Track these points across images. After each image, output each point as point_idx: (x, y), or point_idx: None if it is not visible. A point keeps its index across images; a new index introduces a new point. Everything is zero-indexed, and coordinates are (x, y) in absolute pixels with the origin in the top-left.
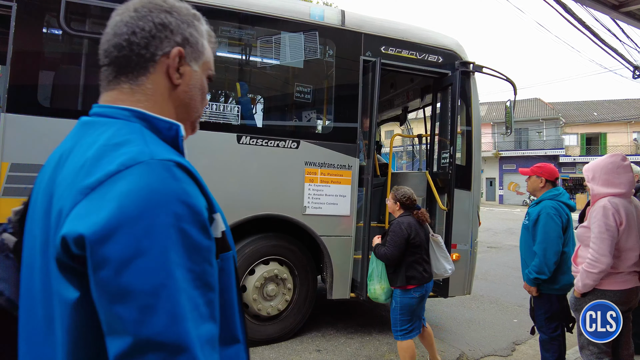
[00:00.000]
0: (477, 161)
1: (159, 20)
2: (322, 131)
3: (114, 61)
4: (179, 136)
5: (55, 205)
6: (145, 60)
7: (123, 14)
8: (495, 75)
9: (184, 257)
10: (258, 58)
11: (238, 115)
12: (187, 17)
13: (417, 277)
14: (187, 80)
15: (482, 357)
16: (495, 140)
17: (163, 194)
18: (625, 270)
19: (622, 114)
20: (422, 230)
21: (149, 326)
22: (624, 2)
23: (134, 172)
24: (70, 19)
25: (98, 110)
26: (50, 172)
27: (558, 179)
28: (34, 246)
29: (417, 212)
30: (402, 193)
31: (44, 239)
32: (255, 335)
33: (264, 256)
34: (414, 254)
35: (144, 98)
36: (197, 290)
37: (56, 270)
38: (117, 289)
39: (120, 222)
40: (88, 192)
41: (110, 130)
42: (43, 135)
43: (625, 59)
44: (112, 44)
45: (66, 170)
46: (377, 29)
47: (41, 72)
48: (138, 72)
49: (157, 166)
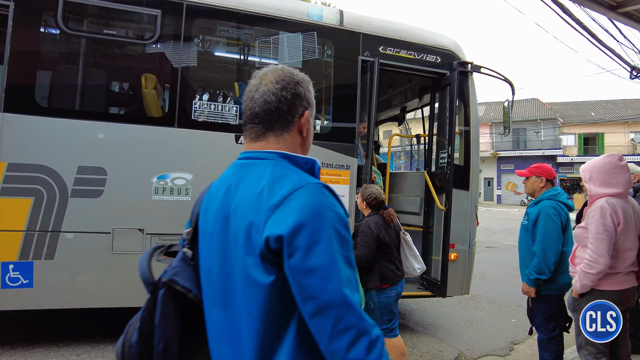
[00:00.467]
0: (475, 161)
1: (294, 91)
2: (321, 131)
3: (264, 122)
4: (316, 167)
5: (238, 222)
6: (288, 122)
7: (268, 85)
8: (494, 75)
9: (339, 247)
10: (256, 58)
11: (236, 115)
12: (308, 85)
13: (390, 277)
14: (308, 130)
15: (480, 356)
16: (493, 140)
17: (322, 206)
18: (623, 270)
19: (619, 114)
20: (391, 229)
21: (328, 291)
22: (621, 3)
23: (301, 193)
24: (68, 19)
25: (249, 154)
26: (221, 201)
27: (556, 178)
28: (212, 254)
29: (383, 211)
30: (368, 192)
31: (222, 247)
32: None
33: None
34: (385, 253)
35: (285, 146)
36: (349, 270)
37: (256, 262)
38: (305, 267)
39: (301, 224)
40: (275, 208)
41: (269, 167)
42: (40, 134)
43: (622, 60)
44: (263, 109)
45: (241, 197)
46: (376, 29)
47: (39, 71)
48: (282, 129)
49: (313, 188)
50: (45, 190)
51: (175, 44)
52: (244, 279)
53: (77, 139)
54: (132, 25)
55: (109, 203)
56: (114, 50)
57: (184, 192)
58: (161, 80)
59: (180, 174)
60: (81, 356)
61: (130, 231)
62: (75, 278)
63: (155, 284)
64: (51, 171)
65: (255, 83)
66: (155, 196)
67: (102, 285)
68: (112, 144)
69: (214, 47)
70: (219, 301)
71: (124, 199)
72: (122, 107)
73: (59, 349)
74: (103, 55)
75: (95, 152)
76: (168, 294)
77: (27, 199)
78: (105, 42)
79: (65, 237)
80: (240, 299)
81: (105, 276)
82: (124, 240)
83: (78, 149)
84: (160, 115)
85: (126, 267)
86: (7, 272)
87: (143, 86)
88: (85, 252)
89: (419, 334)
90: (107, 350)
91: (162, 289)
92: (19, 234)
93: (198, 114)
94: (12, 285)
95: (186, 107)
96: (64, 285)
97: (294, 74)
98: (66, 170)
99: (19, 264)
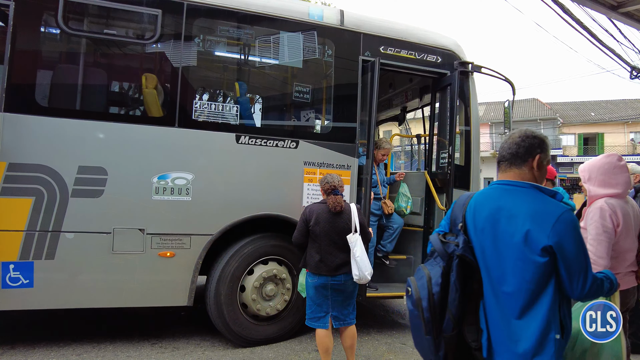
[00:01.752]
0: (475, 161)
1: (529, 142)
2: (321, 131)
3: (510, 159)
4: (559, 196)
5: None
6: (524, 161)
7: (518, 139)
8: (494, 75)
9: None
10: (257, 58)
11: (237, 115)
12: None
13: (310, 264)
14: (539, 167)
15: None
16: (493, 140)
17: (576, 220)
18: (623, 271)
19: (619, 114)
20: (339, 220)
21: (589, 267)
22: (622, 3)
23: (567, 213)
24: (69, 18)
25: (506, 182)
26: (489, 210)
27: (556, 177)
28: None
29: (327, 197)
30: (323, 179)
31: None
32: (254, 335)
33: (263, 256)
34: (313, 241)
35: (526, 176)
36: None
37: (535, 251)
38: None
39: (567, 232)
40: (553, 223)
41: (529, 193)
42: (41, 134)
43: (622, 60)
44: (510, 151)
45: (511, 212)
46: (376, 29)
47: (39, 71)
48: (520, 164)
49: (569, 210)
50: (45, 190)
51: (175, 44)
52: (519, 258)
53: (78, 138)
54: (132, 25)
55: (110, 203)
56: (114, 50)
57: (185, 192)
58: (162, 80)
59: (181, 174)
60: (82, 356)
61: (130, 231)
62: (76, 278)
63: (450, 255)
64: (52, 171)
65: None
66: (156, 196)
67: (103, 285)
68: (112, 144)
69: (214, 46)
70: (493, 268)
71: (125, 198)
72: (122, 107)
73: (60, 348)
74: (103, 55)
75: (96, 152)
76: (460, 263)
77: (28, 198)
78: (105, 41)
79: (65, 237)
80: (512, 269)
81: (105, 276)
82: (124, 240)
83: (78, 149)
84: (160, 115)
85: (127, 267)
86: (7, 272)
87: (143, 86)
88: (86, 252)
89: None
90: (108, 350)
91: (456, 260)
92: (19, 234)
93: (199, 113)
94: (12, 285)
95: (187, 107)
96: (64, 285)
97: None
98: (67, 170)
99: (20, 264)
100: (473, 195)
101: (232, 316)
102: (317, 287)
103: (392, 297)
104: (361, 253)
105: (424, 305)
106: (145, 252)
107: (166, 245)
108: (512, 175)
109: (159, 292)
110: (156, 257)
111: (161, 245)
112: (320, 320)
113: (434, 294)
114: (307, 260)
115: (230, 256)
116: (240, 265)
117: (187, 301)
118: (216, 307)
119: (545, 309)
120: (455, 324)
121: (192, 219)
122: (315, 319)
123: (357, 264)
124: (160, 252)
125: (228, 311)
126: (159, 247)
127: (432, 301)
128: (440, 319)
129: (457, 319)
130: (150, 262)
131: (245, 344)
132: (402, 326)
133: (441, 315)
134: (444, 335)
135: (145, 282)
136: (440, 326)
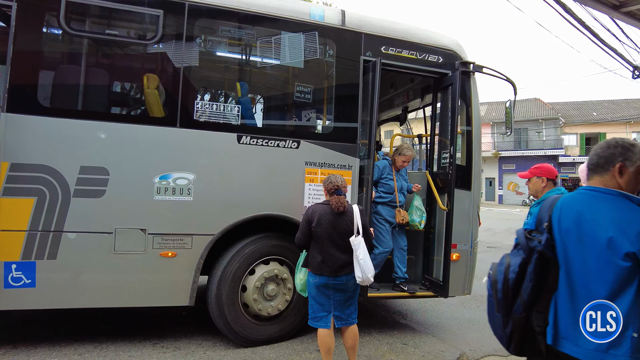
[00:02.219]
0: (477, 161)
1: (609, 152)
2: (323, 131)
3: (592, 169)
4: None
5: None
6: (605, 170)
7: (600, 149)
8: (495, 75)
9: None
10: (258, 58)
11: (238, 115)
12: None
13: (312, 265)
14: (625, 177)
15: (482, 357)
16: (494, 140)
17: None
18: None
19: (621, 114)
20: (341, 220)
21: None
22: (624, 2)
23: None
24: (71, 19)
25: (592, 188)
26: (575, 213)
27: (558, 177)
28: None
29: (330, 197)
30: (327, 179)
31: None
32: (256, 335)
33: (265, 256)
34: (315, 242)
35: (610, 184)
36: None
37: (618, 256)
38: None
39: None
40: (638, 232)
41: (614, 200)
42: (43, 135)
43: (624, 59)
44: (592, 161)
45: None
46: (377, 29)
47: (41, 71)
48: (602, 173)
49: None
50: (47, 190)
51: (177, 44)
52: (602, 260)
53: (80, 139)
54: (134, 25)
55: (111, 203)
56: (116, 50)
57: (186, 192)
58: (163, 80)
59: (183, 174)
60: (84, 355)
61: (132, 231)
62: (78, 278)
63: (531, 249)
64: (54, 171)
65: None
66: (158, 196)
67: (104, 285)
68: (114, 144)
69: (215, 47)
70: (575, 266)
71: (126, 199)
72: (124, 107)
73: (62, 348)
74: (105, 55)
75: (98, 152)
76: (540, 257)
77: (30, 198)
78: (107, 42)
79: (67, 237)
80: (596, 268)
81: (107, 276)
82: (126, 240)
83: (80, 149)
84: (162, 115)
85: (128, 267)
86: (9, 272)
87: (145, 86)
88: (88, 252)
89: (421, 334)
90: (110, 350)
91: (536, 254)
92: (21, 233)
93: (200, 114)
94: (14, 285)
95: (188, 107)
96: (66, 285)
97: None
98: (68, 170)
99: (22, 263)
100: (560, 198)
101: (233, 316)
102: (318, 287)
103: (394, 297)
104: (364, 256)
105: (498, 287)
106: (146, 252)
107: (168, 245)
108: (596, 182)
109: (160, 292)
110: (158, 257)
111: (163, 245)
112: (322, 320)
113: (509, 279)
114: (309, 261)
115: (232, 256)
116: (241, 265)
117: (189, 301)
118: (217, 307)
119: (625, 308)
120: (525, 309)
121: (194, 219)
122: (317, 319)
123: (360, 266)
124: (162, 252)
125: (229, 311)
126: (160, 247)
127: (507, 285)
128: (512, 301)
129: (527, 304)
130: (152, 262)
131: (246, 344)
132: (403, 326)
133: (513, 298)
134: (513, 316)
135: (146, 282)
136: (511, 308)
